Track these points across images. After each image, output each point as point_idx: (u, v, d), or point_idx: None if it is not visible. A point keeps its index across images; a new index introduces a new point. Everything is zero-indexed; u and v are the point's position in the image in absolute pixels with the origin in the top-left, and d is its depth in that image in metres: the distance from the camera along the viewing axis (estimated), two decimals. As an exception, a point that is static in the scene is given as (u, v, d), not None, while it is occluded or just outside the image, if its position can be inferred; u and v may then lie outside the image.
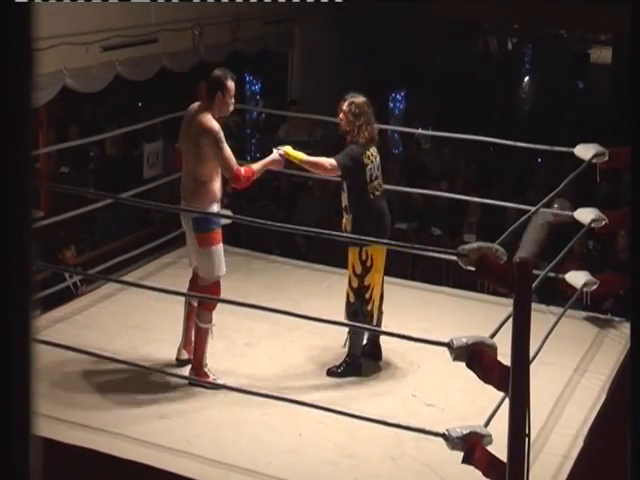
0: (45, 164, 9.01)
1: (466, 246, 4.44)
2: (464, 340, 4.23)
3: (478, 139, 7.46)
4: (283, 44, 12.06)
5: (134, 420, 5.13)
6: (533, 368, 4.34)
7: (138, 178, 8.48)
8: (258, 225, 5.53)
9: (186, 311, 5.78)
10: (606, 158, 6.47)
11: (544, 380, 5.43)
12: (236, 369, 5.69)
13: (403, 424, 4.64)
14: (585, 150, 6.52)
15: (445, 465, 4.66)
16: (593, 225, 6.44)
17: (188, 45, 9.58)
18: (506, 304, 4.98)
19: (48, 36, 7.25)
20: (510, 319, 4.16)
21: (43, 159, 8.78)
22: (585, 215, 6.49)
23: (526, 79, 17.30)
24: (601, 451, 5.15)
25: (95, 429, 5.02)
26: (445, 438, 4.25)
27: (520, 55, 17.22)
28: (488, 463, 4.19)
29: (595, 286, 6.52)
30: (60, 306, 6.58)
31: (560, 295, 7.04)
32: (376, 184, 5.68)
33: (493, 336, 4.36)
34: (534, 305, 4.28)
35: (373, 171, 5.66)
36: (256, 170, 5.53)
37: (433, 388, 5.64)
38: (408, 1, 12.49)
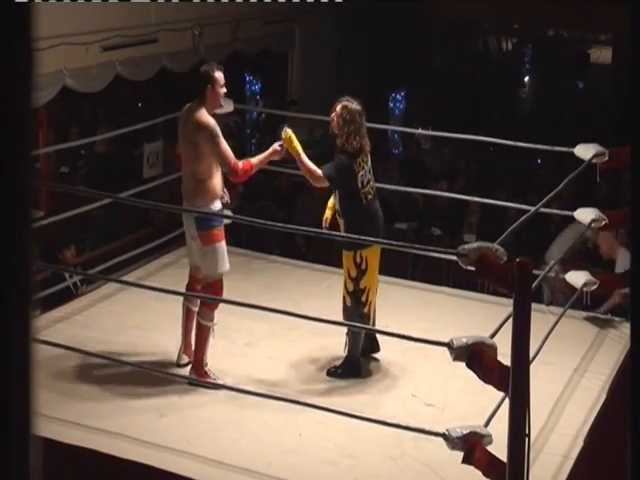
0: (45, 164, 9.01)
1: (466, 246, 4.44)
2: (464, 340, 4.23)
3: (478, 139, 7.45)
4: (283, 44, 12.06)
5: (134, 420, 5.13)
6: (533, 368, 4.34)
7: (138, 178, 8.48)
8: (258, 225, 5.53)
9: (184, 315, 5.78)
10: (606, 158, 6.46)
11: (544, 380, 5.43)
12: (236, 369, 5.69)
13: (403, 424, 4.64)
14: (585, 150, 6.52)
15: (445, 465, 4.66)
16: (593, 225, 6.44)
17: (188, 45, 9.58)
18: (506, 304, 4.97)
19: (48, 36, 7.25)
20: (510, 319, 4.17)
21: (43, 159, 8.77)
22: (585, 215, 6.49)
23: (526, 79, 17.28)
24: (601, 451, 5.15)
25: (95, 429, 5.02)
26: (445, 438, 4.25)
27: (520, 55, 17.21)
28: (488, 463, 4.19)
29: (595, 286, 6.52)
30: (60, 306, 6.58)
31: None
32: (368, 188, 5.66)
33: (493, 336, 4.36)
34: (534, 305, 4.28)
35: (365, 177, 5.63)
36: (254, 164, 5.54)
37: (433, 388, 5.64)
38: (408, 1, 12.49)
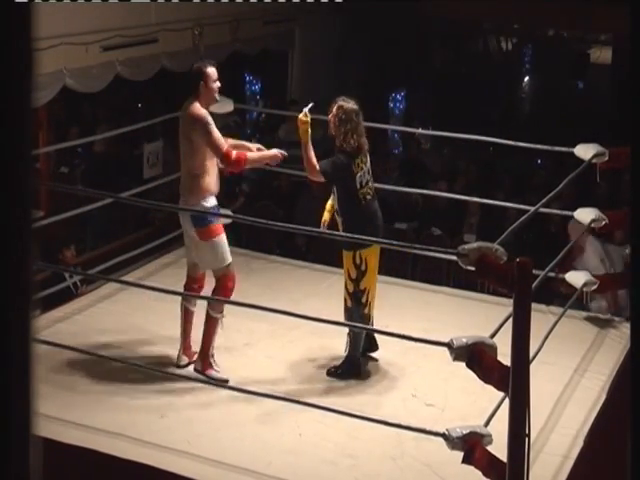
0: (45, 164, 9.00)
1: (466, 246, 4.44)
2: (464, 340, 4.23)
3: (478, 139, 7.45)
4: (283, 44, 12.06)
5: (134, 420, 5.13)
6: (533, 368, 4.34)
7: (138, 178, 8.48)
8: (258, 225, 5.53)
9: (182, 315, 5.78)
10: (606, 158, 6.47)
11: (544, 380, 5.43)
12: (236, 369, 5.69)
13: (403, 424, 4.64)
14: (585, 150, 6.52)
15: (445, 465, 4.66)
16: (593, 225, 6.44)
17: (188, 45, 9.57)
18: (506, 304, 4.97)
19: (48, 36, 7.25)
20: (510, 319, 4.17)
21: (43, 159, 8.77)
22: (585, 215, 6.49)
23: (526, 79, 17.28)
24: (601, 451, 5.15)
25: (95, 429, 5.01)
26: (445, 438, 4.25)
27: (520, 55, 17.20)
28: (488, 463, 4.19)
29: (595, 286, 6.53)
30: (60, 306, 6.58)
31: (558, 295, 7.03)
32: (367, 189, 5.66)
33: (493, 336, 4.36)
34: (534, 305, 4.28)
35: (363, 177, 5.63)
36: (250, 158, 5.54)
37: (433, 388, 5.64)
38: (408, 1, 12.48)
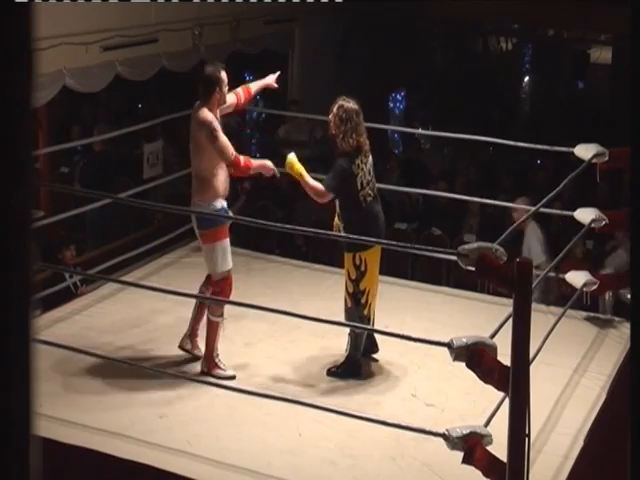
0: (45, 164, 9.00)
1: (466, 246, 4.44)
2: (464, 340, 4.23)
3: (478, 139, 7.46)
4: (283, 44, 12.04)
5: (134, 420, 5.13)
6: (533, 368, 4.34)
7: (138, 178, 8.47)
8: (258, 225, 5.53)
9: (196, 304, 5.82)
10: (606, 158, 6.46)
11: (544, 380, 5.43)
12: (236, 369, 5.69)
13: (403, 424, 4.64)
14: (585, 150, 6.52)
15: (445, 465, 4.66)
16: (593, 225, 6.44)
17: (188, 45, 9.57)
18: (506, 304, 4.97)
19: (48, 36, 7.24)
20: (510, 319, 4.17)
21: (43, 159, 8.76)
22: (585, 215, 6.48)
23: (526, 79, 17.26)
24: (601, 451, 5.15)
25: (95, 429, 5.02)
26: (445, 438, 4.25)
27: (520, 55, 17.19)
28: (488, 463, 4.19)
29: (595, 286, 6.52)
30: (60, 306, 6.58)
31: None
32: (368, 190, 5.65)
33: (493, 336, 4.36)
34: (534, 305, 4.28)
35: (364, 178, 5.62)
36: (253, 166, 5.61)
37: (433, 388, 5.64)
38: (408, 1, 12.48)
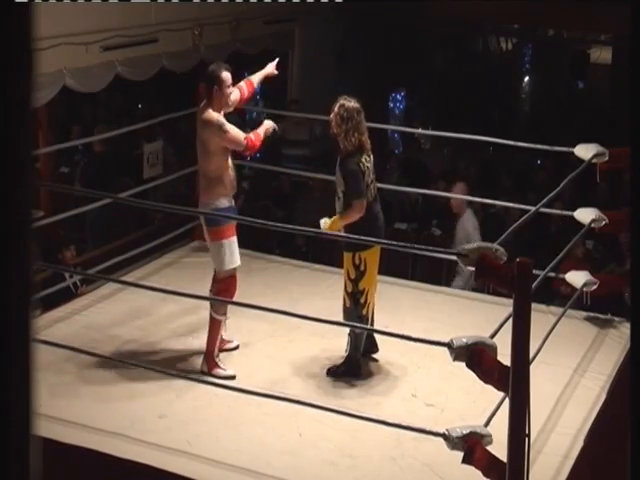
0: (45, 164, 9.00)
1: (466, 246, 4.44)
2: (464, 340, 4.23)
3: (478, 139, 7.45)
4: (283, 44, 12.05)
5: (134, 420, 5.13)
6: (533, 368, 4.34)
7: (138, 178, 8.48)
8: (258, 225, 5.54)
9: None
10: (606, 158, 6.47)
11: (544, 380, 5.43)
12: (236, 369, 5.69)
13: (403, 424, 4.64)
14: (585, 150, 6.52)
15: (445, 465, 4.66)
16: (593, 225, 6.43)
17: (188, 45, 9.57)
18: (506, 304, 4.97)
19: (48, 36, 7.24)
20: (510, 319, 4.17)
21: (43, 159, 8.76)
22: (585, 215, 6.48)
23: (526, 79, 17.27)
24: (601, 451, 5.15)
25: (95, 429, 5.01)
26: (445, 438, 4.25)
27: (520, 55, 17.19)
28: (488, 463, 4.19)
29: (595, 286, 6.52)
30: (60, 306, 6.58)
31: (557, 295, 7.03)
32: (371, 189, 5.66)
33: (493, 336, 4.36)
34: (534, 305, 4.28)
35: (368, 177, 5.63)
36: (262, 137, 5.77)
37: (433, 388, 5.64)
38: (408, 1, 12.48)
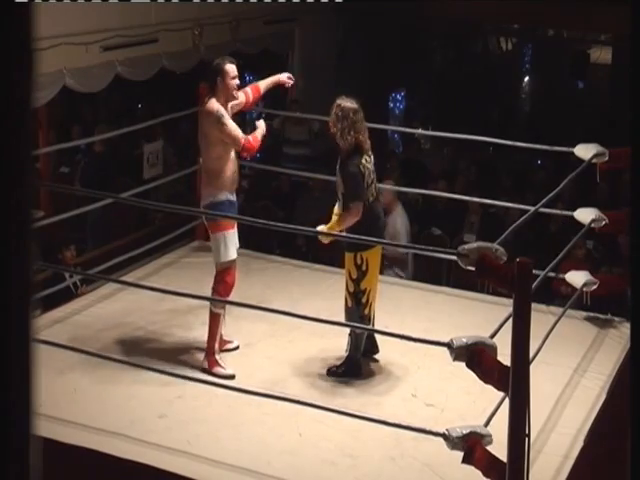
0: (45, 164, 9.01)
1: (466, 246, 4.44)
2: (464, 340, 4.23)
3: (478, 139, 7.45)
4: (283, 44, 12.05)
5: (134, 420, 5.13)
6: (533, 368, 4.34)
7: (138, 178, 8.48)
8: (258, 225, 5.55)
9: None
10: (606, 158, 6.46)
11: (544, 380, 5.43)
12: (236, 369, 5.69)
13: (403, 424, 4.64)
14: (585, 150, 6.52)
15: (445, 465, 4.66)
16: (593, 225, 6.43)
17: (188, 45, 9.58)
18: (506, 304, 4.97)
19: (48, 36, 7.25)
20: (510, 319, 4.17)
21: (43, 159, 8.77)
22: (585, 215, 6.48)
23: (526, 79, 17.27)
24: (601, 451, 5.15)
25: (95, 429, 5.01)
26: (445, 438, 4.25)
27: (520, 55, 17.19)
28: (488, 463, 4.19)
29: (595, 286, 6.52)
30: (60, 306, 6.58)
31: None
32: (371, 190, 5.66)
33: (493, 336, 4.36)
34: (534, 305, 4.28)
35: (368, 178, 5.63)
36: (260, 139, 5.74)
37: (433, 388, 5.63)
38: (408, 1, 12.48)
